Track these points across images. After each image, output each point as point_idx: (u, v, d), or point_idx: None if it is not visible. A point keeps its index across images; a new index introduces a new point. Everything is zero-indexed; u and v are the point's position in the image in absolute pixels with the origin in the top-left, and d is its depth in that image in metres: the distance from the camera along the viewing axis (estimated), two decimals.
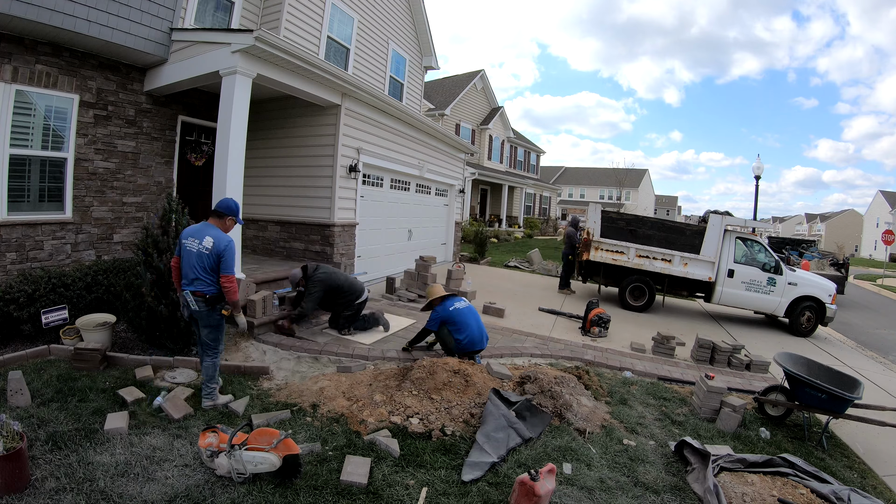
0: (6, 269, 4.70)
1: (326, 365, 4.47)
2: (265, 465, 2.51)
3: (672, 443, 3.43)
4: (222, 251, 3.31)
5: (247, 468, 2.50)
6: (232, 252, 3.36)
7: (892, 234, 19.22)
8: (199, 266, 3.30)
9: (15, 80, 4.67)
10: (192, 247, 3.33)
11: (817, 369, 4.01)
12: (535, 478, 2.43)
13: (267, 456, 2.51)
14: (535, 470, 2.49)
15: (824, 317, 7.85)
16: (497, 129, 25.10)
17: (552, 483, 2.53)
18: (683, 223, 10.16)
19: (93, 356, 3.82)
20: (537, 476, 2.45)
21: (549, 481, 2.51)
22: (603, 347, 5.84)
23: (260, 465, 2.51)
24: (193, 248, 3.33)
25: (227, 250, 3.32)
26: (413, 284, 7.50)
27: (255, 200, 7.39)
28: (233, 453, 2.51)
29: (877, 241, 37.47)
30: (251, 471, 2.52)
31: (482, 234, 13.47)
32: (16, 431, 2.40)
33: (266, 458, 2.51)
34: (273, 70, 5.34)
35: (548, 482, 2.49)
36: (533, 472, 2.46)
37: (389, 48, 10.58)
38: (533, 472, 2.46)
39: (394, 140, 8.21)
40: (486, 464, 2.90)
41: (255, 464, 2.51)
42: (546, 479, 2.49)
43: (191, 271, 3.32)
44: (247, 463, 2.50)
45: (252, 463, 2.51)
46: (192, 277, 3.32)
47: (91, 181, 5.46)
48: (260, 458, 2.51)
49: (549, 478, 2.52)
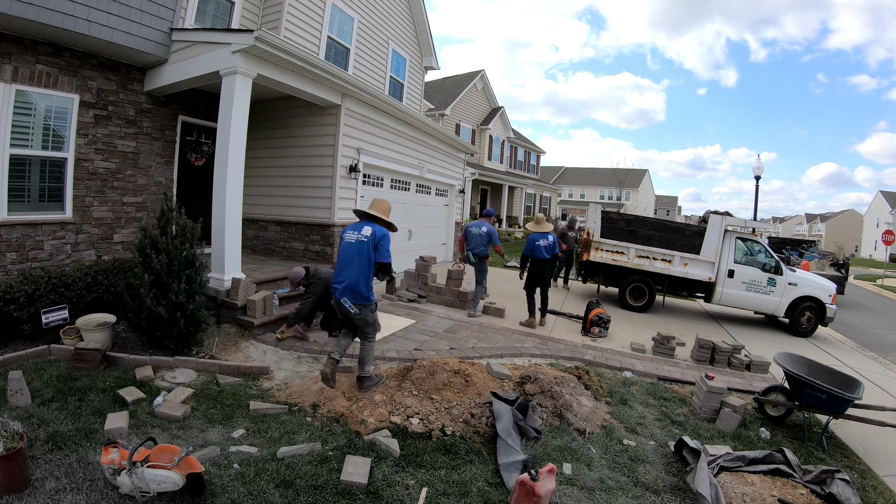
0: (6, 268, 4.70)
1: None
2: (168, 485, 2.34)
3: (672, 443, 3.43)
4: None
5: (150, 487, 2.33)
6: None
7: (892, 234, 19.22)
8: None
9: (15, 80, 4.67)
10: None
11: (817, 369, 4.01)
12: (536, 478, 2.43)
13: (169, 475, 2.33)
14: (536, 470, 2.50)
15: (824, 317, 7.84)
16: (497, 130, 25.10)
17: (552, 483, 2.53)
18: (684, 223, 10.16)
19: (93, 356, 3.82)
20: (537, 476, 2.45)
21: (550, 481, 2.51)
22: (603, 347, 5.83)
23: (163, 483, 2.34)
24: None
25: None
26: (413, 284, 7.50)
27: (255, 200, 7.40)
28: (134, 471, 2.32)
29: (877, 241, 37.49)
30: (155, 489, 2.34)
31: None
32: (16, 431, 2.40)
33: (168, 477, 2.33)
34: (273, 70, 5.34)
35: (548, 482, 2.49)
36: (533, 472, 2.46)
37: (389, 48, 10.58)
38: (533, 472, 2.46)
39: (394, 140, 8.22)
40: (520, 462, 2.92)
41: (158, 482, 2.34)
42: (546, 479, 2.49)
43: None
44: (149, 482, 2.33)
45: (155, 481, 2.33)
46: None
47: (91, 181, 5.46)
48: (163, 476, 2.34)
49: (549, 478, 2.52)
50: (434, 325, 6.06)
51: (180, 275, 4.24)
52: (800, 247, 16.30)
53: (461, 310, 7.00)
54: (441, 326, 6.00)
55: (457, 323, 6.23)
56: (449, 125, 20.70)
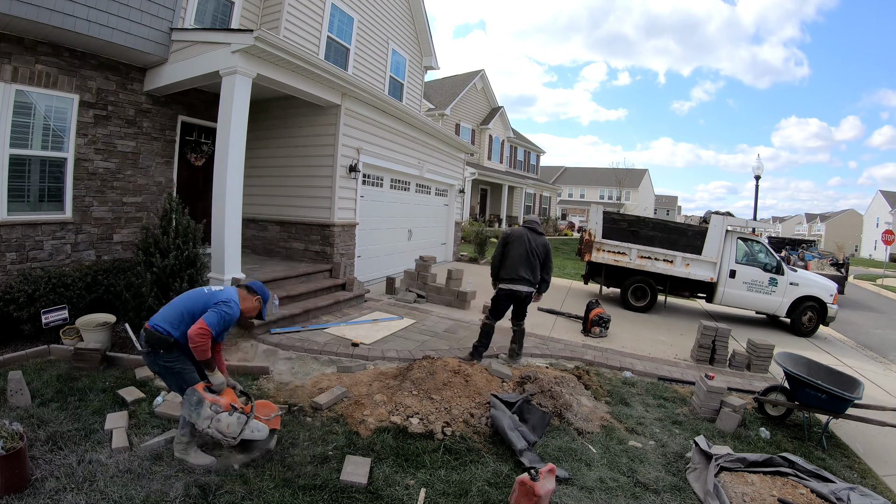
0: (6, 269, 4.70)
1: (326, 365, 4.47)
2: (258, 434, 2.71)
3: (672, 443, 3.43)
4: (220, 300, 2.76)
5: (244, 434, 2.63)
6: (230, 311, 2.73)
7: (892, 233, 19.20)
8: (183, 306, 2.81)
9: (15, 80, 4.66)
10: None
11: (817, 369, 4.01)
12: (535, 478, 2.43)
13: (263, 426, 2.75)
14: (535, 470, 2.49)
15: (826, 317, 7.85)
16: (497, 129, 25.10)
17: (552, 483, 2.53)
18: (685, 224, 10.16)
19: (93, 356, 3.82)
20: (537, 476, 2.44)
21: (549, 481, 2.51)
22: (603, 347, 5.83)
23: (256, 432, 2.70)
24: None
25: (225, 304, 2.74)
26: (413, 284, 7.50)
27: (255, 200, 7.39)
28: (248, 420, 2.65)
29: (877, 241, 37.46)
30: (247, 437, 2.66)
31: (482, 234, 13.46)
32: (16, 431, 2.40)
33: (263, 428, 2.74)
34: (273, 70, 5.34)
35: (548, 482, 2.49)
36: (533, 472, 2.46)
37: (389, 48, 10.58)
38: (533, 472, 2.46)
39: (394, 140, 8.22)
40: None
41: (253, 430, 2.68)
42: (546, 479, 2.49)
43: None
44: (250, 429, 2.65)
45: (251, 429, 2.67)
46: None
47: (91, 181, 5.46)
48: (260, 426, 2.73)
49: (549, 478, 2.52)
50: (434, 324, 6.06)
51: (182, 274, 4.23)
52: (800, 246, 16.29)
53: (461, 310, 6.99)
54: (441, 326, 6.00)
55: (457, 323, 6.23)
56: (449, 125, 20.70)
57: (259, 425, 2.72)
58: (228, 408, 2.64)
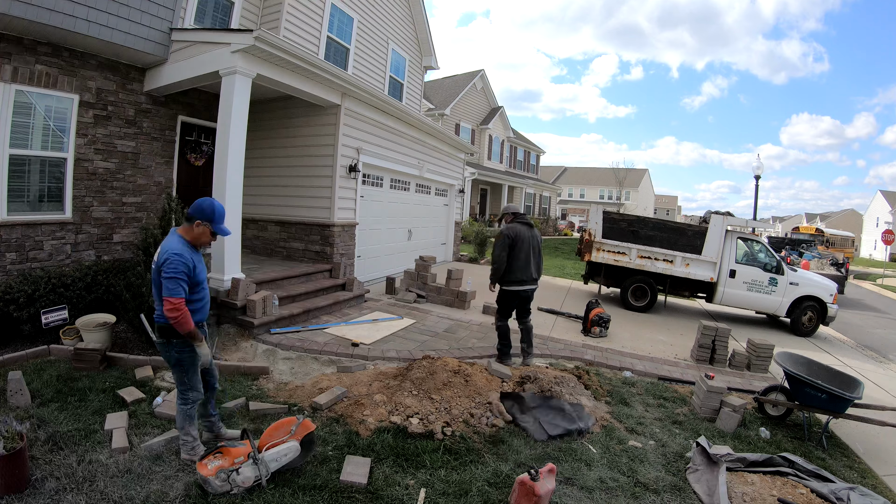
0: (6, 269, 4.70)
1: (326, 365, 4.47)
2: (289, 455, 2.59)
3: (672, 442, 3.42)
4: (161, 264, 2.50)
5: (270, 468, 2.53)
6: (174, 267, 2.47)
7: (892, 233, 19.21)
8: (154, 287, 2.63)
9: (15, 80, 4.66)
10: None
11: (817, 369, 4.01)
12: (536, 478, 2.43)
13: (289, 445, 2.61)
14: (536, 470, 2.49)
15: (826, 316, 7.85)
16: (497, 129, 25.09)
17: (552, 483, 2.53)
18: (685, 224, 10.17)
19: (93, 356, 3.82)
20: (537, 476, 2.44)
21: (549, 481, 2.51)
22: (603, 347, 5.83)
23: (284, 457, 2.57)
24: None
25: (166, 264, 2.46)
26: (413, 284, 7.50)
27: (254, 200, 7.39)
28: (261, 459, 2.52)
29: (877, 240, 37.44)
30: (276, 468, 2.56)
31: (482, 233, 13.46)
32: (16, 431, 2.40)
33: (290, 448, 2.61)
34: (273, 70, 5.33)
35: (548, 482, 2.49)
36: (533, 472, 2.46)
37: (389, 48, 10.57)
38: (533, 472, 2.46)
39: (394, 140, 8.21)
40: None
41: (278, 458, 2.55)
42: (546, 478, 2.49)
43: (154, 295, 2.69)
44: (270, 462, 2.54)
45: (275, 460, 2.55)
46: None
47: (91, 181, 5.46)
48: (283, 450, 2.58)
49: (549, 478, 2.52)
50: (434, 324, 6.06)
51: None
52: (799, 246, 16.29)
53: (461, 310, 6.99)
54: (441, 326, 6.00)
55: (456, 323, 6.23)
56: (448, 125, 20.70)
57: (281, 449, 2.58)
58: (233, 463, 2.48)
